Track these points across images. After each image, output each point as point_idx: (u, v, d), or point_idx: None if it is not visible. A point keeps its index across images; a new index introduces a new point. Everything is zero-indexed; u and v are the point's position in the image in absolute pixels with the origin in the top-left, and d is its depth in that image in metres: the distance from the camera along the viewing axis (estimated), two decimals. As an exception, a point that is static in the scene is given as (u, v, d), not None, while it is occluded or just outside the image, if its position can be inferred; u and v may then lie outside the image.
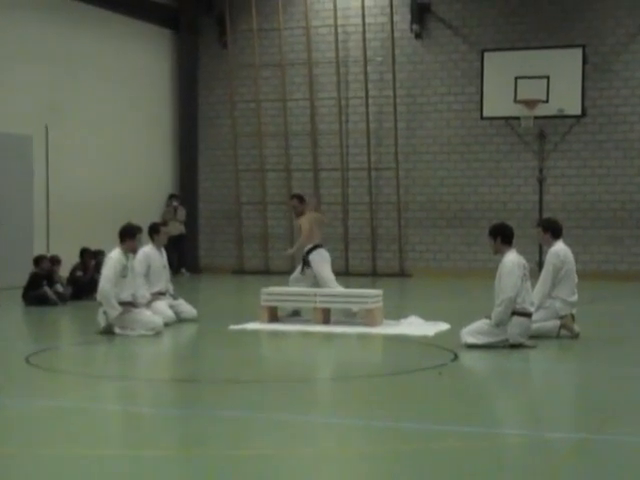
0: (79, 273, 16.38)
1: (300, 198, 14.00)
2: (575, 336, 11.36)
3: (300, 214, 13.82)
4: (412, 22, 22.07)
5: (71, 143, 19.88)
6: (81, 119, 20.22)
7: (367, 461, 6.01)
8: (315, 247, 13.63)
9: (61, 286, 15.64)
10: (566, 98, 20.56)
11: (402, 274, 22.31)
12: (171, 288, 13.51)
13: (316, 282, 13.50)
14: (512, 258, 10.68)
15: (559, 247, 11.67)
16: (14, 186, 18.50)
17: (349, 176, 22.83)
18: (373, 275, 22.14)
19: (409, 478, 5.55)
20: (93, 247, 16.87)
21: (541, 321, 11.24)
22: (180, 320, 12.98)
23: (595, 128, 21.14)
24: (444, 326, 12.30)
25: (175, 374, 9.69)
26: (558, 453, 6.21)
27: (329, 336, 11.87)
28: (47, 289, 15.27)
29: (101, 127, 20.85)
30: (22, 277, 15.80)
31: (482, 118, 21.42)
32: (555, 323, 11.40)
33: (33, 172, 18.96)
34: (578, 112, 20.72)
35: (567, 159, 21.36)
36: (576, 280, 11.70)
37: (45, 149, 19.21)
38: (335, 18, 22.49)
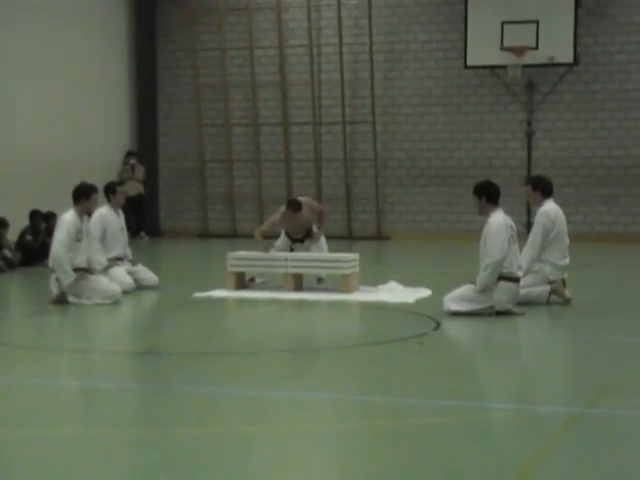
0: (29, 237, 16.30)
1: (295, 207, 13.09)
2: (566, 302, 11.44)
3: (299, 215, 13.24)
4: (390, -38, 21.97)
5: (18, 96, 19.68)
6: (27, 69, 20.00)
7: (343, 438, 6.05)
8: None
9: (9, 251, 15.55)
10: (557, 45, 20.55)
11: (380, 237, 22.35)
12: (129, 253, 13.47)
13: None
14: (498, 219, 10.72)
15: (549, 207, 11.72)
16: (-45, 142, 18.32)
17: (322, 131, 22.78)
18: (349, 238, 22.16)
19: (389, 456, 5.59)
20: (44, 209, 16.79)
21: (530, 286, 11.31)
22: (140, 288, 12.96)
23: (588, 77, 21.17)
24: (425, 292, 12.35)
25: (135, 346, 9.69)
26: (550, 428, 6.27)
27: (301, 304, 11.90)
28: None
29: (51, 78, 20.64)
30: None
31: (466, 67, 21.38)
32: (545, 289, 11.47)
33: (-24, 127, 18.78)
34: (570, 60, 20.72)
35: (558, 111, 21.39)
36: (567, 242, 11.76)
37: (-11, 102, 19.01)
38: (306, -42, 22.34)
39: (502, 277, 10.60)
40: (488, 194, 10.86)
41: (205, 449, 5.73)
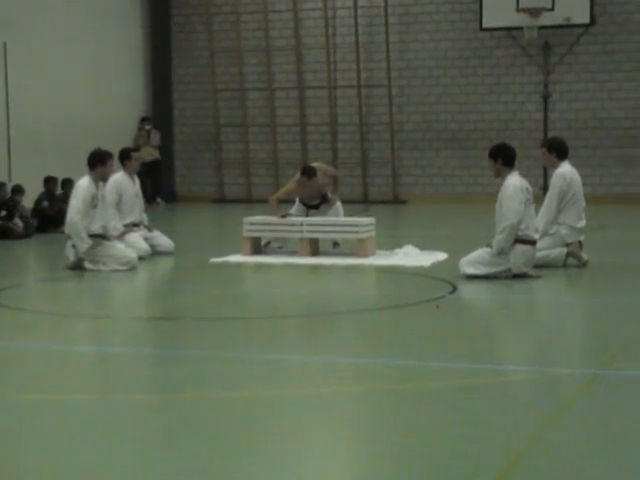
0: (45, 204, 16.34)
1: (309, 173, 13.01)
2: (583, 265, 11.40)
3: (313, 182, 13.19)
4: None
5: (33, 62, 19.65)
6: (44, 35, 19.97)
7: (360, 401, 6.05)
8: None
9: (19, 220, 15.51)
10: (573, 5, 20.39)
11: (396, 200, 22.31)
12: (145, 219, 13.48)
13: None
14: (514, 181, 10.67)
15: (565, 169, 11.65)
16: (-29, 110, 18.33)
17: (337, 94, 22.69)
18: (365, 202, 22.12)
19: (408, 419, 5.59)
20: (60, 176, 16.82)
21: (546, 249, 11.27)
22: (156, 253, 12.98)
23: (605, 38, 20.99)
24: (441, 256, 12.33)
25: (152, 312, 9.71)
26: (567, 390, 6.26)
27: (317, 268, 11.90)
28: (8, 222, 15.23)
29: (66, 44, 20.60)
30: (-18, 208, 15.73)
31: (482, 29, 21.24)
32: (561, 251, 11.43)
33: (-9, 94, 18.78)
34: (586, 20, 20.56)
35: (574, 72, 21.24)
36: (584, 204, 11.71)
37: (4, 69, 18.98)
38: None
39: (518, 240, 10.56)
40: (504, 157, 10.80)
41: (222, 413, 5.74)
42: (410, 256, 12.42)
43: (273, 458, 4.94)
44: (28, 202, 16.24)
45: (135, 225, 13.14)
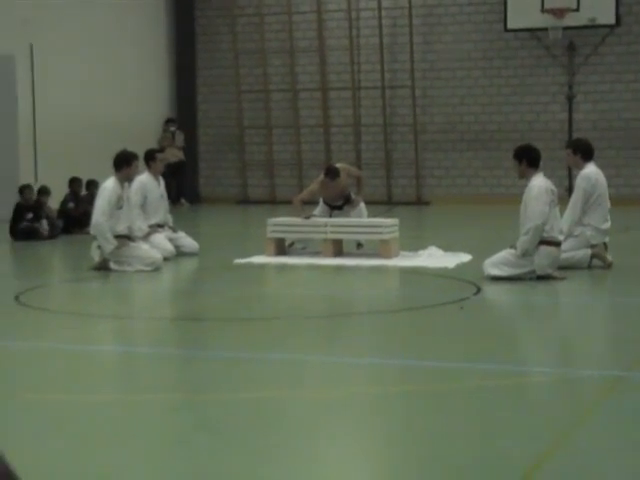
0: (70, 205, 16.40)
1: (332, 174, 13.01)
2: (608, 266, 11.35)
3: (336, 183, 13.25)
4: None
5: (59, 64, 19.74)
6: (69, 37, 20.05)
7: (381, 402, 6.04)
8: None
9: (46, 222, 15.55)
10: (598, 5, 20.28)
11: (419, 202, 22.27)
12: (170, 220, 13.52)
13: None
14: (539, 182, 10.63)
15: (590, 170, 11.60)
16: (-3, 111, 18.43)
17: (361, 95, 22.68)
18: (388, 203, 22.09)
19: (428, 420, 5.57)
20: (86, 177, 16.88)
21: (571, 250, 11.22)
22: (180, 254, 13.00)
23: (630, 39, 20.88)
24: (465, 257, 12.30)
25: (176, 312, 9.73)
26: (590, 392, 6.23)
27: (341, 269, 11.89)
28: (35, 223, 15.29)
29: (91, 46, 20.69)
30: (8, 210, 15.80)
31: (506, 30, 21.17)
32: (586, 252, 11.38)
33: (17, 96, 18.86)
34: (612, 21, 20.45)
35: (599, 73, 21.14)
36: (609, 206, 11.65)
37: (30, 70, 19.09)
38: None
39: (543, 241, 10.52)
40: (528, 158, 10.76)
41: (243, 414, 5.74)
42: (434, 257, 12.39)
43: (290, 460, 4.94)
44: (54, 203, 16.30)
45: (160, 226, 13.17)
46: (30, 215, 15.41)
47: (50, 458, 4.99)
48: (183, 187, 22.74)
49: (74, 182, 16.79)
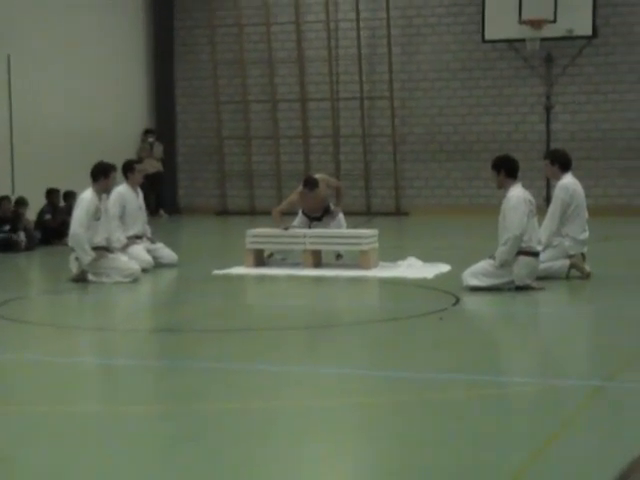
0: (47, 216, 16.35)
1: (311, 185, 13.01)
2: (586, 277, 11.40)
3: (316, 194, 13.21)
4: (407, -64, 21.83)
5: (37, 75, 19.69)
6: (47, 48, 20.01)
7: (362, 413, 6.05)
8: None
9: (23, 234, 15.48)
10: (576, 17, 20.40)
11: (399, 212, 22.31)
12: (148, 231, 13.49)
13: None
14: (517, 193, 10.67)
15: (568, 180, 11.66)
16: (-26, 122, 18.36)
17: (340, 106, 22.72)
18: (367, 214, 22.12)
19: (410, 430, 5.59)
20: (63, 188, 16.84)
21: (549, 261, 11.27)
22: (159, 265, 12.98)
23: (607, 49, 21.02)
24: (444, 268, 12.33)
25: (156, 324, 9.71)
26: (571, 402, 6.26)
27: (320, 280, 11.90)
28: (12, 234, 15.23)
29: (69, 57, 20.64)
30: (-14, 221, 15.73)
31: (484, 41, 21.26)
32: (564, 263, 11.43)
33: (-5, 106, 18.80)
34: (589, 32, 20.57)
35: (577, 84, 21.26)
36: (587, 216, 11.71)
37: (7, 81, 19.03)
38: None
39: (521, 252, 10.55)
40: (507, 168, 10.81)
41: (227, 424, 5.74)
42: (413, 268, 12.42)
43: (274, 470, 4.94)
44: (31, 214, 16.25)
45: (138, 237, 13.15)
46: (7, 227, 15.36)
47: (32, 469, 4.97)
48: (162, 198, 22.70)
49: (52, 193, 16.74)
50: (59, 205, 16.68)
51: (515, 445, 5.28)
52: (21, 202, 16.04)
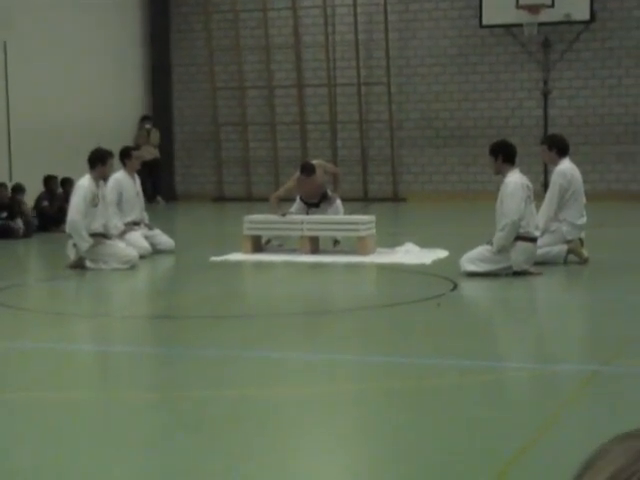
0: (45, 203, 16.34)
1: (308, 171, 12.93)
2: (584, 262, 11.41)
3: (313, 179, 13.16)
4: None
5: (34, 61, 19.65)
6: (44, 35, 19.96)
7: (359, 399, 6.06)
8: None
9: (21, 221, 15.48)
10: (573, 2, 20.37)
11: (396, 198, 22.31)
12: (146, 217, 13.50)
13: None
14: (515, 179, 10.68)
15: (565, 166, 11.67)
16: (-29, 109, 18.34)
17: (337, 92, 22.69)
18: (365, 200, 22.13)
19: (405, 416, 5.61)
20: (61, 175, 16.83)
21: (547, 246, 11.28)
22: (156, 252, 12.99)
23: (605, 34, 20.99)
24: (442, 253, 12.34)
25: (152, 310, 9.72)
26: (567, 387, 6.28)
27: (318, 266, 11.91)
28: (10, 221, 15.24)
29: (66, 43, 20.60)
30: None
31: (481, 26, 21.23)
32: (562, 248, 11.44)
33: (-9, 94, 18.78)
34: (586, 17, 20.55)
35: (574, 69, 21.24)
36: (584, 201, 11.72)
37: (4, 68, 19.00)
38: None
39: (519, 237, 10.57)
40: (504, 154, 10.81)
41: (223, 411, 5.76)
42: (411, 254, 12.43)
43: (270, 457, 4.96)
44: (29, 201, 16.24)
45: (136, 224, 13.15)
46: (5, 213, 15.35)
47: (29, 456, 4.99)
48: (159, 185, 22.69)
49: (49, 180, 16.73)
50: (57, 192, 16.67)
51: (511, 430, 5.30)
52: (18, 189, 16.03)
